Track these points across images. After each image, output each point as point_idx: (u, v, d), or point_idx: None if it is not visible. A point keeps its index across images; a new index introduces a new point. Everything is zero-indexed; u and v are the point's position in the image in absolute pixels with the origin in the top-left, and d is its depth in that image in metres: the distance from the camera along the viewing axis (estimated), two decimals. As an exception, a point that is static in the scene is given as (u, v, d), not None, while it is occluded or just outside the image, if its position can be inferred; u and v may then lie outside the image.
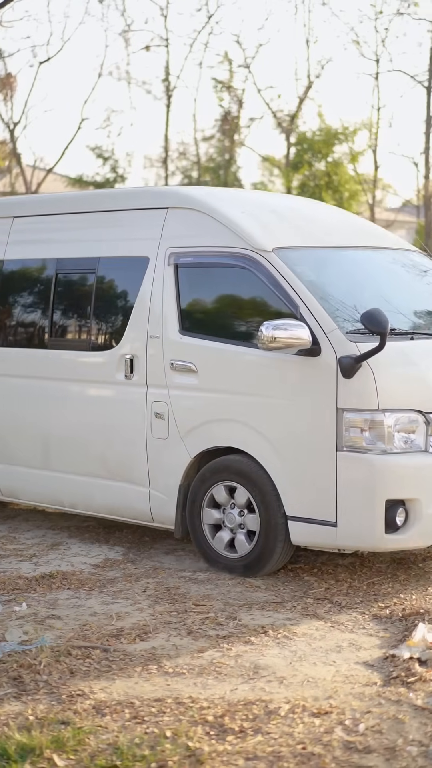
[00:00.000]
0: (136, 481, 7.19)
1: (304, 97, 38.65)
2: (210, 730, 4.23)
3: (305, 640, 5.38)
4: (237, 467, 6.62)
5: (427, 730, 4.19)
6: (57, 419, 7.68)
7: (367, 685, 4.71)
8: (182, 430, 6.89)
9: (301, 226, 7.27)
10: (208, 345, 6.81)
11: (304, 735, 4.16)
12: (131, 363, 7.18)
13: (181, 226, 7.12)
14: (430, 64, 33.68)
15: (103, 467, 7.40)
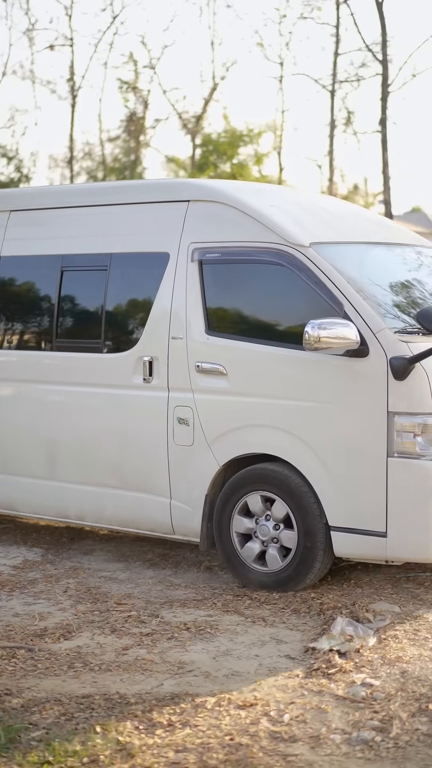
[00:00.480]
0: (155, 491, 6.72)
1: (210, 98, 38.85)
2: (139, 725, 4.31)
3: (228, 636, 5.50)
4: (273, 476, 6.23)
5: (349, 719, 4.34)
6: (64, 426, 7.17)
7: (289, 677, 4.85)
8: (209, 437, 6.46)
9: (329, 221, 6.88)
10: (240, 346, 6.39)
11: (231, 726, 4.27)
12: (150, 365, 6.71)
13: (204, 220, 6.66)
14: (333, 68, 34.11)
15: (117, 477, 6.92)
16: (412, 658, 5.02)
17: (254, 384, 6.30)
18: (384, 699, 4.51)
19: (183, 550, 7.51)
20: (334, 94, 33.70)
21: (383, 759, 3.95)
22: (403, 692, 4.58)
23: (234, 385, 6.37)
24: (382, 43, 26.49)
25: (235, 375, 6.37)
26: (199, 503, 6.49)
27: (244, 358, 6.36)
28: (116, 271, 7.02)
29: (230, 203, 6.57)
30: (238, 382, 6.36)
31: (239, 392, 6.35)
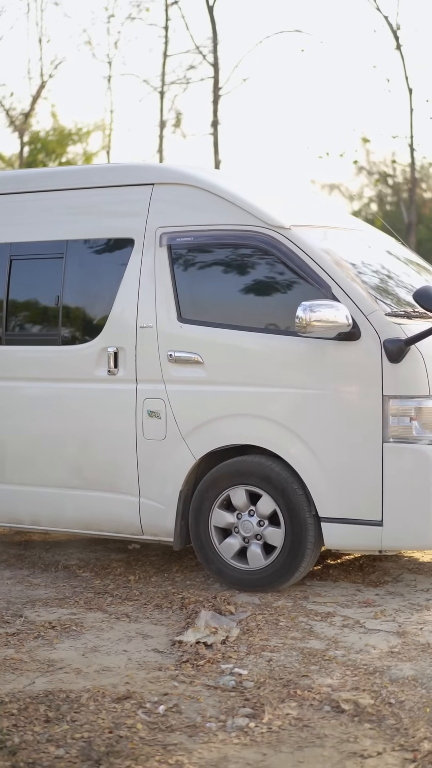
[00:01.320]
0: (121, 489, 6.44)
1: (38, 96, 38.44)
2: (16, 722, 4.34)
3: (94, 633, 5.56)
4: (255, 468, 6.03)
5: (222, 707, 4.48)
6: (13, 424, 6.82)
7: (160, 670, 4.96)
8: (184, 429, 6.20)
9: (296, 205, 6.72)
10: (218, 333, 6.14)
11: (109, 720, 4.35)
12: (115, 357, 6.41)
13: (172, 204, 6.41)
14: (162, 70, 34.31)
15: (78, 476, 6.61)
16: (276, 647, 5.21)
17: (234, 372, 6.09)
18: (254, 687, 4.68)
19: (38, 549, 7.53)
20: (164, 95, 33.98)
21: (259, 744, 4.11)
22: (271, 679, 4.76)
23: (211, 374, 6.15)
24: (213, 47, 26.83)
25: (212, 363, 6.15)
26: (173, 500, 6.25)
27: (223, 345, 6.13)
28: (73, 259, 6.70)
29: (201, 186, 6.35)
30: (215, 370, 6.14)
31: (217, 381, 6.13)
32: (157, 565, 6.96)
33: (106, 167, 7.21)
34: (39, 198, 6.97)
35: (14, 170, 8.70)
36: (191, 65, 31.71)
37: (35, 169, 7.45)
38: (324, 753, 4.00)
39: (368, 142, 32.43)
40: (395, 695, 4.53)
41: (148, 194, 6.49)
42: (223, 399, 6.11)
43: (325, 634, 5.40)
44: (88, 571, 6.85)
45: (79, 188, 6.83)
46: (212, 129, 26.23)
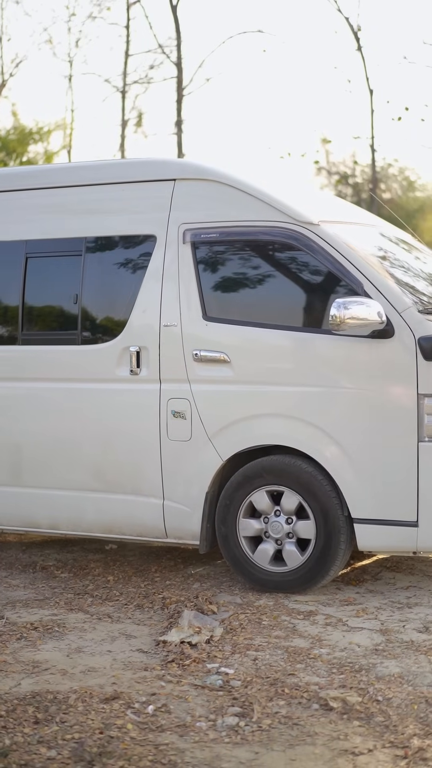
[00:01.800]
0: (144, 492, 6.31)
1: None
2: (5, 724, 4.32)
3: (76, 633, 5.55)
4: (285, 468, 5.92)
5: (210, 706, 4.49)
6: (31, 426, 6.63)
7: (146, 670, 4.96)
8: (210, 430, 6.08)
9: (318, 201, 6.65)
10: (245, 331, 6.03)
11: (99, 721, 4.34)
12: (138, 356, 6.28)
13: (195, 200, 6.28)
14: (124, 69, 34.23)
15: (97, 479, 6.45)
16: (261, 646, 5.23)
17: (263, 371, 5.98)
18: (241, 686, 4.69)
19: (15, 550, 7.49)
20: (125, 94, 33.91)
21: (250, 742, 4.12)
22: (258, 678, 4.77)
23: (239, 373, 6.03)
24: (177, 46, 26.84)
25: (240, 362, 6.03)
26: (199, 502, 6.12)
27: (251, 343, 6.02)
28: (92, 256, 6.55)
29: (225, 181, 6.22)
30: (243, 369, 6.02)
31: (245, 380, 6.02)
32: (135, 566, 6.95)
33: (124, 162, 7.03)
34: (54, 194, 6.81)
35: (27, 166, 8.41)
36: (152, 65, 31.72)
37: (49, 165, 7.30)
38: (315, 751, 4.02)
39: (329, 142, 32.65)
40: (382, 692, 4.56)
41: (170, 190, 6.36)
42: (252, 398, 6.01)
43: (308, 632, 5.43)
44: (66, 572, 6.83)
45: (96, 184, 6.68)
46: (176, 128, 26.14)
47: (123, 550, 7.39)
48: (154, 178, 6.47)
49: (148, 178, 6.50)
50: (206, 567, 6.81)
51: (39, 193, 6.87)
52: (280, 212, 6.04)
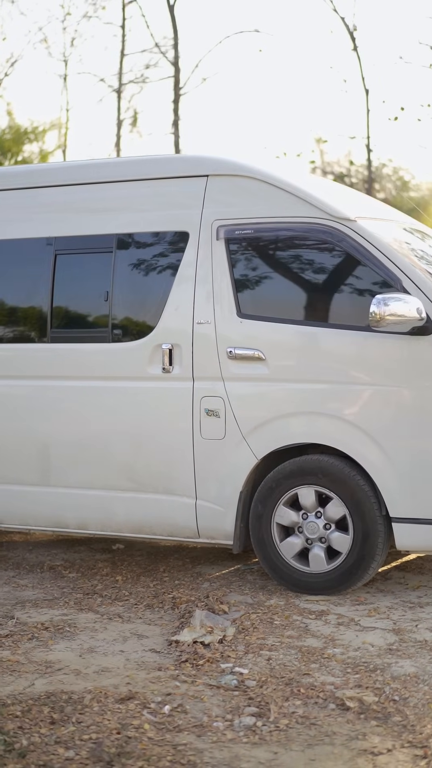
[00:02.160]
0: (176, 491, 6.23)
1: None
2: (21, 724, 4.31)
3: (88, 633, 5.53)
4: (322, 466, 5.88)
5: (227, 706, 4.48)
6: (62, 425, 6.55)
7: (160, 670, 4.94)
8: (245, 428, 6.02)
9: (351, 198, 6.60)
10: (281, 329, 5.97)
11: (115, 721, 4.33)
12: (170, 354, 6.21)
13: (229, 196, 6.21)
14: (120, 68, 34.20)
15: (128, 478, 6.37)
16: (274, 646, 5.22)
17: (299, 369, 5.92)
18: (256, 686, 4.68)
19: (21, 550, 7.47)
20: (121, 94, 33.88)
21: (269, 742, 4.10)
22: (272, 678, 4.76)
23: (274, 371, 5.96)
24: (174, 46, 26.81)
25: (275, 360, 5.96)
26: (232, 501, 6.06)
27: (286, 341, 5.96)
28: (123, 253, 6.46)
29: (260, 177, 6.15)
30: (279, 367, 5.95)
31: (280, 378, 5.95)
32: (143, 565, 6.94)
33: (156, 158, 6.92)
34: (82, 191, 6.73)
35: (55, 162, 8.28)
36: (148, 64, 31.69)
37: (78, 161, 7.20)
38: (334, 751, 4.01)
39: (325, 142, 32.65)
40: (399, 692, 4.55)
41: (203, 186, 6.29)
42: (287, 396, 5.95)
43: (321, 632, 5.42)
44: (74, 572, 6.81)
45: (126, 180, 6.62)
46: (173, 128, 26.10)
47: (130, 550, 7.37)
48: (186, 174, 6.41)
49: (180, 174, 6.44)
50: (217, 567, 6.79)
51: (66, 189, 6.79)
52: (317, 208, 5.98)
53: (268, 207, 6.10)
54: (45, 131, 38.72)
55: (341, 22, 28.04)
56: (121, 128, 34.20)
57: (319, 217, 5.97)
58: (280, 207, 6.08)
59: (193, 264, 6.21)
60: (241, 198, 6.19)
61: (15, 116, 39.45)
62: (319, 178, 7.01)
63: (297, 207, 6.03)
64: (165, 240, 6.37)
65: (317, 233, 5.97)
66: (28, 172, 7.33)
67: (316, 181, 6.67)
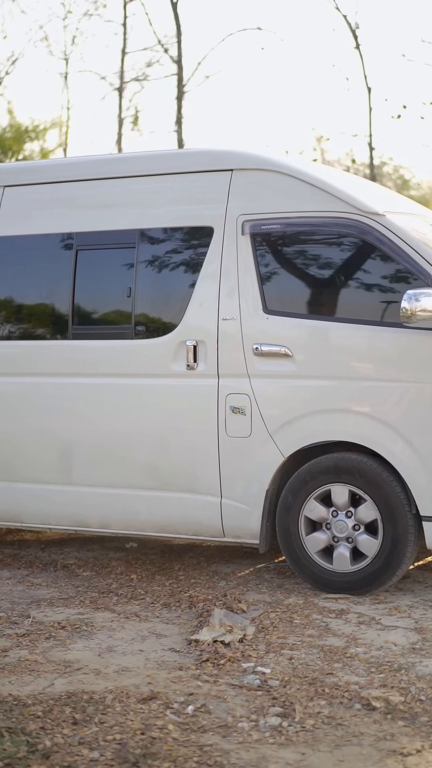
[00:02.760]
0: (201, 490, 6.15)
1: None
2: (43, 725, 4.24)
3: (105, 632, 5.47)
4: (351, 464, 5.80)
5: (250, 707, 4.42)
6: (84, 423, 6.45)
7: (181, 670, 4.88)
8: (271, 426, 5.93)
9: (375, 191, 6.52)
10: (309, 325, 5.88)
11: (139, 721, 4.26)
12: (195, 351, 6.13)
13: (254, 190, 6.11)
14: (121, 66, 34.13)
15: (151, 477, 6.29)
16: (295, 645, 5.15)
17: (327, 365, 5.83)
18: (279, 685, 4.62)
19: (33, 549, 7.41)
20: (122, 92, 33.81)
21: (296, 743, 4.04)
22: (296, 678, 4.70)
23: (301, 368, 5.88)
24: (177, 43, 26.74)
25: (302, 356, 5.88)
26: (258, 500, 5.97)
27: (314, 337, 5.87)
28: (146, 249, 6.36)
29: (287, 171, 6.06)
30: (306, 364, 5.87)
31: (308, 375, 5.87)
32: (158, 564, 6.87)
33: (178, 152, 6.84)
34: (105, 185, 6.64)
35: (75, 156, 8.18)
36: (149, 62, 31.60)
37: (100, 155, 7.14)
38: (363, 751, 3.95)
39: (327, 140, 32.59)
40: (425, 692, 4.49)
41: (227, 180, 6.20)
42: (315, 394, 5.86)
43: (342, 631, 5.36)
44: (88, 570, 6.75)
45: (149, 175, 6.52)
46: (176, 126, 26.03)
47: (144, 548, 7.31)
48: (210, 168, 6.32)
49: (203, 169, 6.34)
50: (232, 565, 6.73)
51: (86, 184, 6.71)
52: (344, 203, 5.90)
53: (294, 201, 6.02)
54: (46, 129, 38.69)
55: (343, 20, 27.96)
56: (122, 126, 34.17)
57: (346, 211, 5.88)
58: (306, 201, 5.98)
59: (218, 259, 6.13)
60: (266, 192, 6.10)
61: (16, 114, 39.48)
62: (343, 172, 6.93)
63: (324, 201, 5.94)
64: (189, 235, 6.29)
65: (345, 228, 5.88)
66: (50, 166, 7.26)
67: (341, 175, 6.59)
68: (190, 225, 6.27)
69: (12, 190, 6.92)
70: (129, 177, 6.58)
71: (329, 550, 5.97)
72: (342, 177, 6.55)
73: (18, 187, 6.92)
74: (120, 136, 34.20)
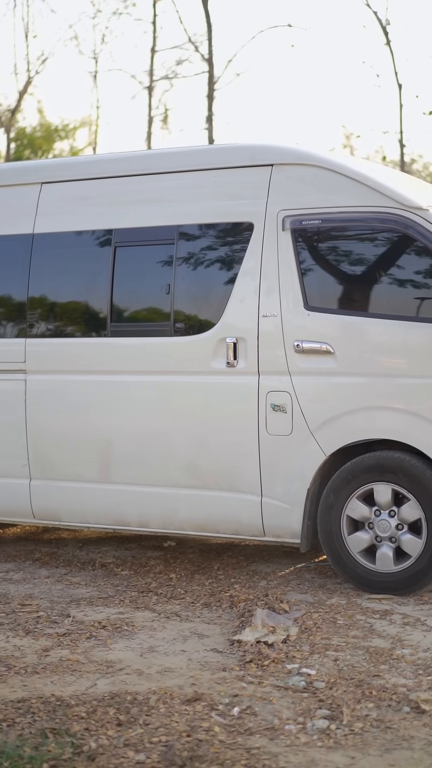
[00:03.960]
0: (240, 488, 6.09)
1: (24, 92, 38.18)
2: (88, 726, 4.19)
3: (147, 632, 5.41)
4: (394, 463, 5.71)
5: (297, 709, 4.34)
6: (121, 421, 6.41)
7: (224, 671, 4.81)
8: (313, 424, 5.85)
9: (416, 186, 6.43)
10: (350, 321, 5.80)
11: (184, 723, 4.20)
12: (234, 348, 6.10)
13: (295, 186, 6.01)
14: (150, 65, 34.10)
15: (191, 475, 6.23)
16: (340, 646, 5.08)
17: (370, 362, 5.75)
18: (325, 687, 4.54)
19: (71, 548, 7.37)
20: (152, 91, 33.79)
21: (345, 747, 3.96)
22: (342, 679, 4.62)
23: (343, 365, 5.80)
24: (208, 41, 26.68)
25: (344, 353, 5.79)
26: (300, 499, 5.89)
27: (356, 334, 5.78)
28: (185, 245, 6.31)
29: (328, 166, 5.96)
30: (348, 361, 5.79)
31: (350, 372, 5.78)
32: (196, 563, 6.81)
33: (217, 148, 6.73)
34: (142, 181, 6.59)
35: (114, 152, 8.13)
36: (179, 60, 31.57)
37: (140, 151, 7.05)
38: (414, 756, 3.86)
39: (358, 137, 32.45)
40: (475, 695, 4.40)
41: (267, 175, 6.13)
42: (358, 391, 5.77)
43: (387, 632, 5.27)
44: (126, 569, 6.70)
45: (187, 170, 6.44)
46: (206, 124, 25.96)
47: (182, 547, 7.25)
48: (250, 163, 6.22)
49: (243, 164, 6.25)
50: (272, 564, 6.66)
51: (124, 180, 6.64)
52: (387, 197, 5.80)
53: (336, 196, 5.92)
54: (75, 129, 38.83)
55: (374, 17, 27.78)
56: (152, 125, 34.15)
57: (389, 206, 5.79)
58: (348, 196, 5.89)
59: (258, 255, 6.06)
60: (307, 187, 6.01)
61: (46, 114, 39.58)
62: (383, 167, 6.81)
63: (366, 196, 5.85)
64: (229, 231, 6.23)
65: (388, 223, 5.78)
66: (87, 162, 7.21)
67: (382, 170, 6.52)
68: (230, 221, 6.22)
69: (49, 187, 6.86)
70: (167, 173, 6.51)
71: (372, 550, 5.89)
72: (383, 171, 6.47)
73: (56, 183, 6.86)
74: (149, 135, 34.20)
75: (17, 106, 37.74)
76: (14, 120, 38.05)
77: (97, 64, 37.14)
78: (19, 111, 38.11)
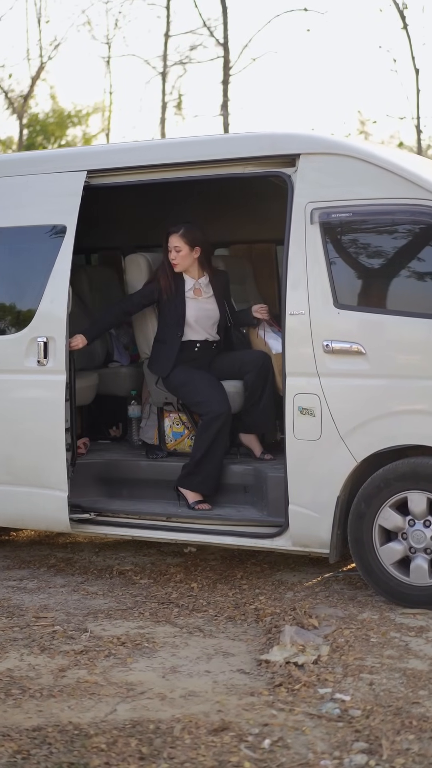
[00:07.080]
0: (48, 485, 6.13)
1: (37, 77, 37.86)
2: (108, 760, 3.90)
3: (168, 650, 5.12)
4: (431, 471, 5.39)
5: (332, 741, 4.05)
6: None
7: (252, 695, 4.51)
8: (343, 428, 5.53)
9: None
10: (384, 320, 5.48)
11: (211, 757, 3.91)
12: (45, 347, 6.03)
13: (323, 177, 5.65)
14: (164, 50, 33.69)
15: (5, 471, 6.28)
16: (375, 668, 4.77)
17: (404, 363, 5.44)
18: (362, 716, 4.24)
19: (87, 553, 7.08)
20: (166, 76, 33.40)
21: (386, 786, 3.68)
22: (379, 707, 4.32)
23: (376, 366, 5.46)
24: (223, 26, 26.31)
25: (377, 354, 5.45)
26: (329, 507, 5.56)
27: (390, 333, 5.46)
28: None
29: (359, 156, 5.57)
30: (381, 362, 5.45)
31: (383, 374, 5.45)
32: (218, 571, 6.50)
33: (240, 137, 6.37)
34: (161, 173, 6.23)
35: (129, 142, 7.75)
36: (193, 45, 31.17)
37: (156, 140, 6.74)
38: (462, 797, 3.57)
39: (374, 123, 32.00)
40: None
41: (294, 166, 5.75)
42: (391, 394, 5.45)
43: (424, 652, 4.96)
44: (145, 578, 6.39)
45: (208, 161, 6.09)
46: (222, 110, 25.58)
47: (203, 554, 6.93)
48: (274, 153, 5.86)
49: (267, 153, 5.89)
50: (298, 574, 6.35)
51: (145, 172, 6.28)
52: (423, 189, 5.41)
53: (367, 188, 5.56)
54: (88, 114, 38.58)
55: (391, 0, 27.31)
56: (166, 111, 33.76)
57: (425, 198, 5.40)
58: (381, 188, 5.52)
59: (285, 250, 5.70)
60: (337, 178, 5.64)
61: (58, 100, 39.22)
62: (415, 156, 6.44)
63: (400, 188, 5.47)
64: None
65: (423, 216, 5.41)
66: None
67: (414, 159, 6.15)
68: None
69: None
70: (188, 163, 6.13)
71: (405, 562, 5.58)
72: (415, 161, 6.12)
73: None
74: (163, 121, 33.82)
75: (30, 92, 37.37)
76: (27, 106, 37.69)
77: (110, 50, 36.73)
78: (32, 97, 37.75)
